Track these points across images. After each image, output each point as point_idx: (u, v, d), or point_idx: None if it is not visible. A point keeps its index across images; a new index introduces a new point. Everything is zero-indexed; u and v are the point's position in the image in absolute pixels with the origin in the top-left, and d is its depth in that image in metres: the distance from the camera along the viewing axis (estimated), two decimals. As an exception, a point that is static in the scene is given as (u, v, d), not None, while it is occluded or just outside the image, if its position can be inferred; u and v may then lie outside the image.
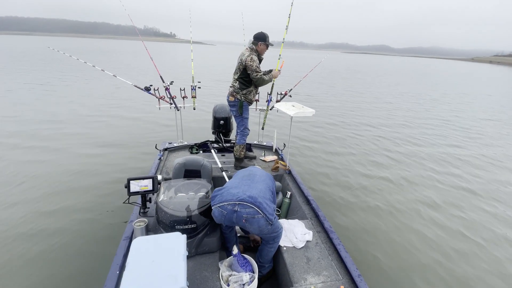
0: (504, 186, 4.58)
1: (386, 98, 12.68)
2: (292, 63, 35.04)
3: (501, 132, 7.90)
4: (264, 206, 1.74)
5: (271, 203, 1.87)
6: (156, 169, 3.05)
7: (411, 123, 8.25)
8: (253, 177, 1.99)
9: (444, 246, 3.05)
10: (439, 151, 6.01)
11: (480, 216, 3.68)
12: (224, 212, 1.77)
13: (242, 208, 1.73)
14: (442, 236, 3.21)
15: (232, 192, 1.81)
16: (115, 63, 21.61)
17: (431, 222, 3.48)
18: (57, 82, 11.54)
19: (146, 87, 3.49)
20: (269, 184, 2.03)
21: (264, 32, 2.99)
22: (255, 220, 1.73)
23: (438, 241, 3.12)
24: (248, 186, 1.86)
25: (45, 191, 3.64)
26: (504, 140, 7.16)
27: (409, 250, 2.96)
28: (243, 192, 1.78)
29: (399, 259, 2.82)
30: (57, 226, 2.98)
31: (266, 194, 1.86)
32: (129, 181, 1.98)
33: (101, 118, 6.97)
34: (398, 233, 3.22)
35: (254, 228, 1.76)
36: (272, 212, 1.80)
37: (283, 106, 3.21)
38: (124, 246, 1.87)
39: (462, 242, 3.16)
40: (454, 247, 3.05)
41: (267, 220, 1.75)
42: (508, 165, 5.49)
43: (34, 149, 4.93)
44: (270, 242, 1.92)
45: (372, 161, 5.29)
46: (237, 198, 1.75)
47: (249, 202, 1.72)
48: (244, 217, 1.73)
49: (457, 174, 4.92)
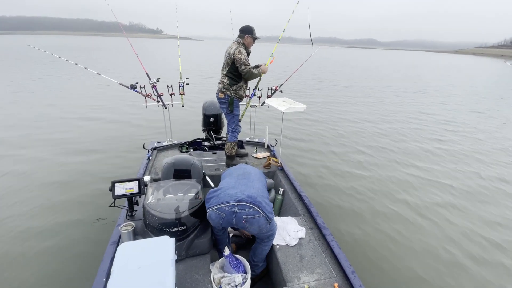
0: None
1: (377, 93, 12.81)
2: (282, 58, 34.91)
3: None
4: (264, 205, 1.71)
5: (269, 201, 1.84)
6: (145, 170, 2.96)
7: (406, 119, 8.35)
8: (249, 175, 1.95)
9: (439, 242, 3.07)
10: (435, 146, 6.10)
11: (474, 216, 3.76)
12: (222, 214, 1.70)
13: (242, 208, 1.68)
14: (437, 232, 3.23)
15: (230, 192, 1.75)
16: (98, 61, 21.01)
17: (425, 217, 3.51)
18: (35, 83, 11.02)
19: (132, 85, 3.37)
20: (264, 182, 2.01)
21: (250, 25, 2.92)
22: (255, 220, 1.69)
23: (432, 237, 3.14)
24: (245, 186, 1.81)
25: (27, 196, 3.49)
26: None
27: (402, 245, 2.98)
28: (242, 192, 1.73)
29: (392, 255, 2.83)
30: (41, 231, 2.87)
31: (264, 193, 1.83)
32: (113, 184, 1.89)
33: (84, 119, 6.70)
34: (391, 229, 3.23)
35: (254, 228, 1.72)
36: (271, 210, 1.77)
37: (274, 102, 3.16)
38: (111, 252, 1.80)
39: (457, 235, 3.20)
40: (450, 242, 3.09)
41: (266, 219, 1.72)
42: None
43: (14, 154, 4.73)
44: (264, 241, 1.88)
45: (364, 156, 5.32)
46: (236, 198, 1.69)
47: (249, 202, 1.68)
48: (244, 217, 1.68)
49: (452, 168, 5.01)
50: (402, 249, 2.90)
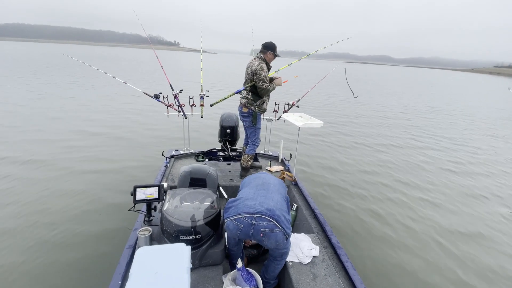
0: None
1: (397, 108, 12.59)
2: (297, 72, 35.27)
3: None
4: (282, 220, 1.67)
5: (288, 215, 1.79)
6: (162, 177, 3.05)
7: (424, 137, 8.13)
8: (268, 186, 1.89)
9: (461, 269, 2.91)
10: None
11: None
12: (240, 225, 1.67)
13: (260, 221, 1.64)
14: (459, 257, 3.07)
15: (248, 204, 1.72)
16: (124, 71, 22.13)
17: (447, 241, 3.34)
18: (61, 92, 11.78)
19: (156, 95, 3.54)
20: (283, 192, 1.94)
21: (273, 42, 3.03)
22: (273, 234, 1.64)
23: (454, 262, 2.98)
24: (264, 197, 1.77)
25: (45, 195, 3.66)
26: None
27: (422, 270, 2.84)
28: (260, 204, 1.70)
29: (410, 280, 2.70)
30: (59, 231, 2.98)
31: (283, 206, 1.79)
32: (135, 189, 1.96)
33: (106, 125, 7.04)
34: (411, 257, 3.07)
35: (271, 242, 1.68)
36: (289, 225, 1.73)
37: (291, 117, 3.20)
38: (127, 255, 1.84)
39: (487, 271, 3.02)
40: (474, 270, 2.92)
41: (284, 234, 1.67)
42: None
43: (42, 156, 5.01)
44: (277, 259, 1.85)
45: (384, 174, 5.19)
46: (254, 210, 1.66)
47: (267, 215, 1.64)
48: (262, 231, 1.64)
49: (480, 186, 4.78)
50: (424, 278, 2.75)
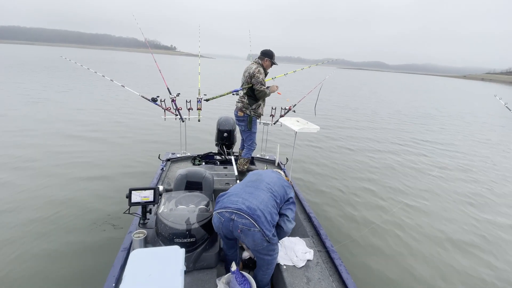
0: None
1: (386, 114, 12.73)
2: (293, 77, 35.53)
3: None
4: (262, 220, 1.64)
5: (273, 215, 1.74)
6: (158, 179, 3.05)
7: (418, 144, 8.22)
8: (259, 183, 1.87)
9: (458, 275, 2.94)
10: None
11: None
12: (221, 219, 1.71)
13: (239, 218, 1.65)
14: (455, 264, 3.08)
15: (232, 199, 1.74)
16: (119, 73, 22.09)
17: (441, 245, 3.37)
18: (54, 95, 11.75)
19: (153, 98, 3.56)
20: (278, 191, 1.86)
21: (272, 50, 3.10)
22: (250, 233, 1.64)
23: (451, 269, 2.99)
24: (249, 195, 1.76)
25: (40, 196, 3.63)
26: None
27: (415, 274, 2.86)
28: (242, 202, 1.71)
29: (403, 284, 2.72)
30: (52, 232, 2.95)
31: (267, 206, 1.72)
32: (130, 191, 1.97)
33: (101, 129, 6.99)
34: (403, 256, 3.12)
35: (248, 241, 1.68)
36: (271, 228, 1.69)
37: (288, 121, 3.24)
38: (122, 258, 1.84)
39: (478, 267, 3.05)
40: (466, 274, 2.94)
41: (263, 236, 1.65)
42: None
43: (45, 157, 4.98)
44: (263, 269, 1.82)
45: (375, 178, 5.23)
46: (235, 207, 1.68)
47: (246, 213, 1.64)
48: (240, 227, 1.66)
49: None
50: (413, 282, 2.77)
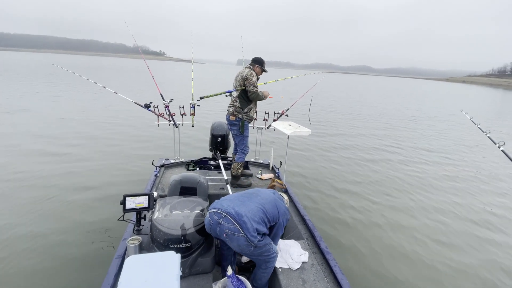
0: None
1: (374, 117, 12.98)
2: (286, 82, 35.86)
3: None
4: (247, 226, 1.70)
5: (260, 225, 1.77)
6: (152, 186, 3.04)
7: (403, 145, 8.39)
8: (254, 197, 1.94)
9: (448, 270, 2.99)
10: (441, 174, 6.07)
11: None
12: (210, 221, 1.80)
13: (226, 222, 1.74)
14: (447, 259, 3.14)
15: (223, 203, 1.84)
16: (110, 80, 21.87)
17: (434, 244, 3.42)
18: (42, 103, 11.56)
19: (146, 104, 3.56)
20: (269, 209, 1.88)
21: (262, 58, 3.19)
22: (235, 237, 1.71)
23: (444, 267, 3.05)
24: (241, 202, 1.85)
25: (34, 208, 3.56)
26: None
27: (409, 273, 2.90)
28: (232, 207, 1.79)
29: (397, 283, 2.76)
30: (45, 242, 2.90)
31: (255, 215, 1.78)
32: (125, 198, 1.96)
33: (93, 135, 6.93)
34: (396, 259, 3.14)
35: (234, 245, 1.76)
36: (255, 235, 1.72)
37: (280, 125, 3.28)
38: (116, 265, 1.83)
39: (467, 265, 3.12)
40: (459, 272, 2.99)
41: (247, 241, 1.70)
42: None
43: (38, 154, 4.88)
44: (262, 267, 1.87)
45: (370, 179, 5.31)
46: (224, 210, 1.77)
47: (233, 218, 1.72)
48: (225, 231, 1.73)
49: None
50: (406, 278, 2.82)
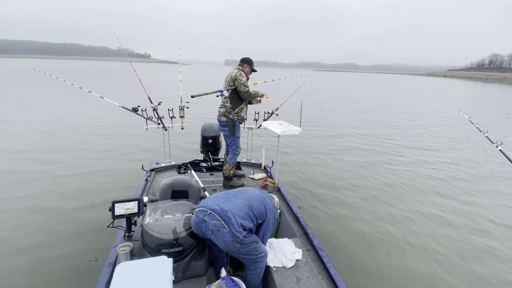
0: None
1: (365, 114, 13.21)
2: (274, 82, 35.99)
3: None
4: (232, 222, 1.71)
5: (245, 221, 1.77)
6: (143, 191, 2.99)
7: (399, 138, 8.57)
8: (240, 193, 1.95)
9: (444, 265, 3.04)
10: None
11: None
12: (196, 219, 1.79)
13: (211, 219, 1.74)
14: (441, 253, 3.20)
15: (208, 201, 1.85)
16: (92, 83, 21.42)
17: (426, 235, 3.49)
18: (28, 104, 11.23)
19: (134, 108, 3.51)
20: (255, 206, 1.88)
21: (250, 58, 3.19)
22: (220, 234, 1.71)
23: (437, 258, 3.10)
24: (226, 199, 1.86)
25: (24, 215, 3.45)
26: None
27: (401, 266, 2.96)
28: (217, 204, 1.80)
29: (390, 276, 2.81)
30: (31, 255, 2.81)
31: (240, 211, 1.79)
32: (113, 204, 1.93)
33: (80, 141, 6.76)
34: (389, 248, 3.23)
35: (219, 242, 1.75)
36: (241, 230, 1.73)
37: (271, 125, 3.29)
38: (107, 273, 1.79)
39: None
40: (455, 267, 3.04)
41: (233, 236, 1.70)
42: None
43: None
44: (251, 268, 1.86)
45: (360, 175, 5.39)
46: (209, 207, 1.77)
47: (218, 214, 1.73)
48: (211, 228, 1.73)
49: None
50: (398, 271, 2.87)
